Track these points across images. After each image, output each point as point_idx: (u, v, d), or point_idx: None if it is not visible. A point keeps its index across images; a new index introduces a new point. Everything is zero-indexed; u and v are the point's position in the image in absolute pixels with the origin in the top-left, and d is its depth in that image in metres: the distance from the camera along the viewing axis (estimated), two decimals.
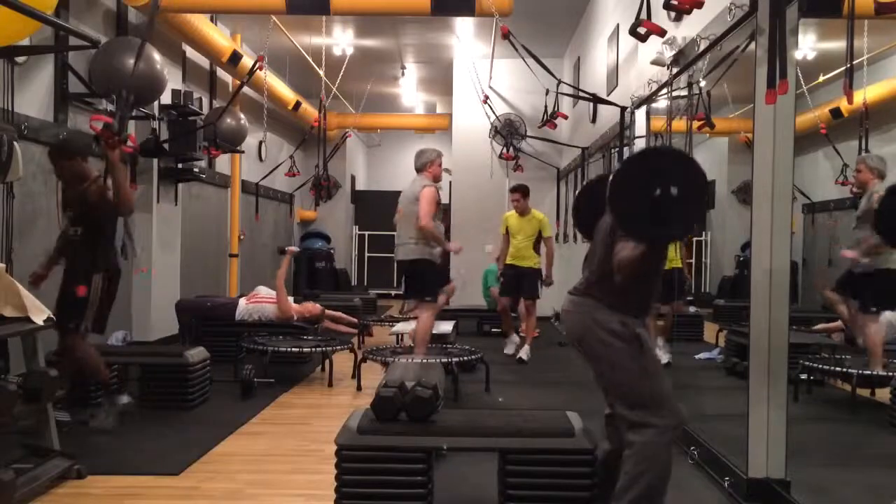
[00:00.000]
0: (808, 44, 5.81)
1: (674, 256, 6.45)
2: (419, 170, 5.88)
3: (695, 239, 6.44)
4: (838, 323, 5.96)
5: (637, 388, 2.82)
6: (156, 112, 6.74)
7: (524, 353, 7.38)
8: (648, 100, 5.57)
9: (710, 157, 9.36)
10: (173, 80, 6.73)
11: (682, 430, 4.26)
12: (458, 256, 10.92)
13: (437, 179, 5.90)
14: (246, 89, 8.41)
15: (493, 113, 10.35)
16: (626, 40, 6.37)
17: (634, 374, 2.82)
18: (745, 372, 3.55)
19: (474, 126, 11.10)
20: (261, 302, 6.90)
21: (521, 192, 7.52)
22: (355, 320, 7.78)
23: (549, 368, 7.10)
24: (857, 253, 5.26)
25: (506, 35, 6.12)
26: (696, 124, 4.91)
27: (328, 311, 7.05)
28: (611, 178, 2.69)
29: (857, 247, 5.10)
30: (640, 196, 2.56)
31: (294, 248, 8.24)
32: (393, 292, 13.92)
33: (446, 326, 7.38)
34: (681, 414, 2.84)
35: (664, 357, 6.39)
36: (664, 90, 5.11)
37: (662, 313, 6.57)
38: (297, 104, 10.97)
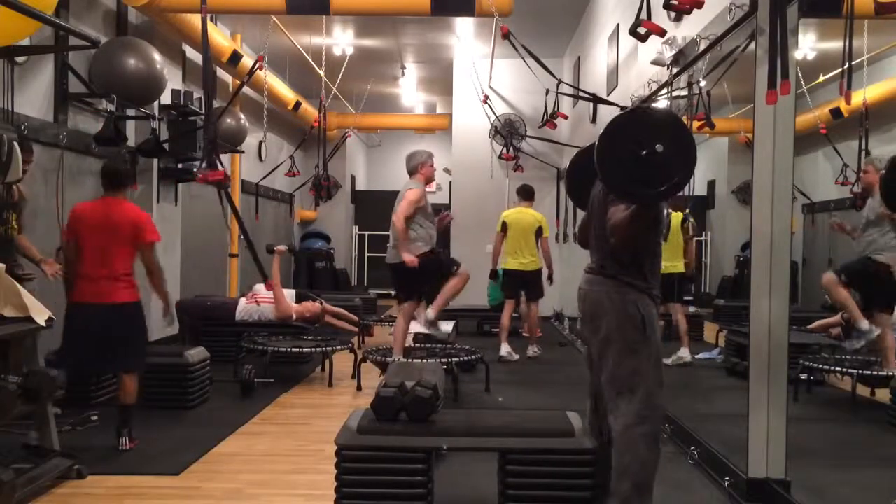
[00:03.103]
0: (808, 44, 5.81)
1: (677, 263, 6.48)
2: (412, 172, 5.96)
3: (696, 239, 6.46)
4: (836, 317, 5.94)
5: (629, 371, 2.80)
6: (156, 112, 6.74)
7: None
8: (648, 100, 5.56)
9: (710, 157, 9.35)
10: (173, 80, 6.72)
11: (681, 430, 4.27)
12: (460, 253, 10.94)
13: (430, 180, 6.02)
14: (246, 89, 8.40)
15: (493, 113, 10.34)
16: (626, 40, 6.37)
17: (632, 357, 2.81)
18: (745, 372, 3.55)
19: (474, 126, 11.09)
20: (260, 302, 6.90)
21: None
22: (356, 318, 7.79)
23: (549, 368, 7.10)
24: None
25: (506, 35, 6.11)
26: (696, 124, 4.91)
27: (328, 307, 7.04)
28: (597, 140, 2.66)
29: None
30: (626, 156, 2.54)
31: (282, 248, 7.73)
32: (393, 292, 13.90)
33: (446, 326, 7.37)
34: (663, 411, 2.82)
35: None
36: (664, 90, 5.11)
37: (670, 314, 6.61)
38: (297, 104, 10.97)
